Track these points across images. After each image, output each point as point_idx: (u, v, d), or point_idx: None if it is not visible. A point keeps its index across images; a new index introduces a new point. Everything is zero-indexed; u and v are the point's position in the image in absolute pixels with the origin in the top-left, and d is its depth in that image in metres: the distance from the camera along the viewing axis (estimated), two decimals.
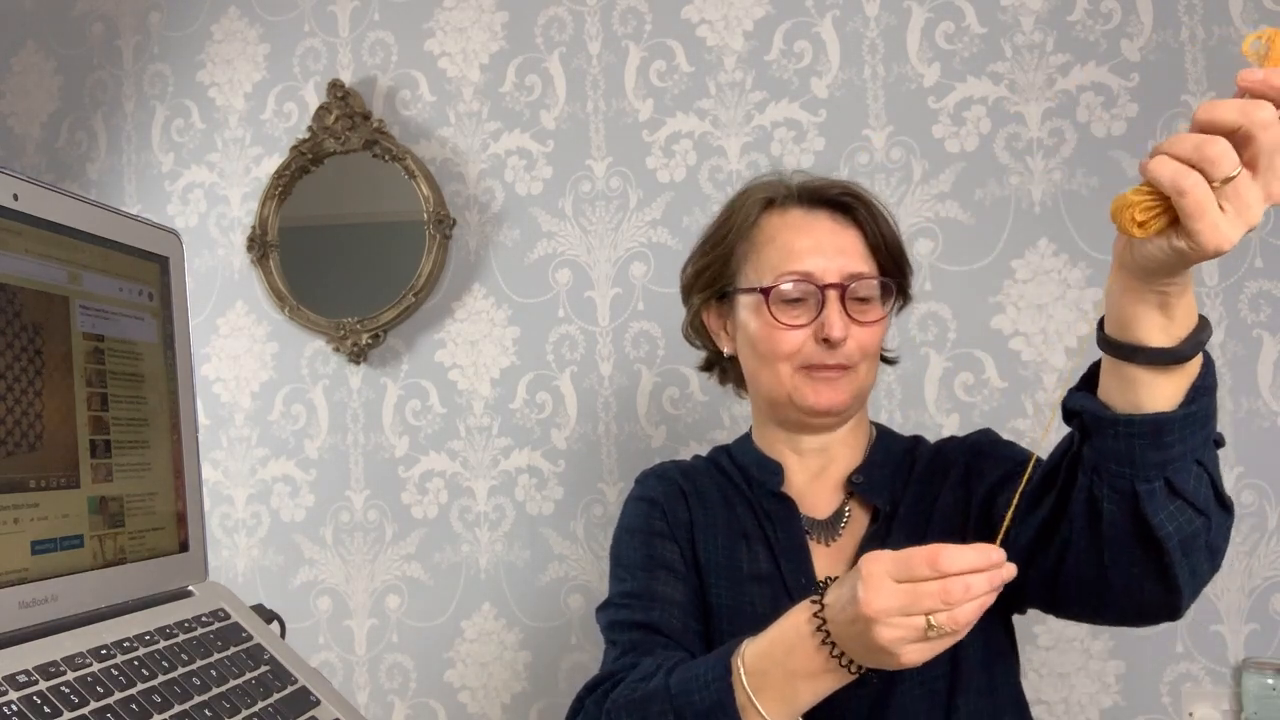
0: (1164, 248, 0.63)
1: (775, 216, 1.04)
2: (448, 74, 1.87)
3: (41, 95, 2.07)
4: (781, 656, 0.79)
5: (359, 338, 1.84)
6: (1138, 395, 0.71)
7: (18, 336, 0.57)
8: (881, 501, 0.99)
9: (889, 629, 0.70)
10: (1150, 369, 0.69)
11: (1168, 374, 0.69)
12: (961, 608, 0.68)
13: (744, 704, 0.79)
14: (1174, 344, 0.68)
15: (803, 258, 0.99)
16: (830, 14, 1.72)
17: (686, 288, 1.12)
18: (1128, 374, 0.70)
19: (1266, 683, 1.46)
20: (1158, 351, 0.68)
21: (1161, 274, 0.66)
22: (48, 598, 0.57)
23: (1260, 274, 1.55)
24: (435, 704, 1.82)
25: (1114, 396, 0.72)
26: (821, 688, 0.78)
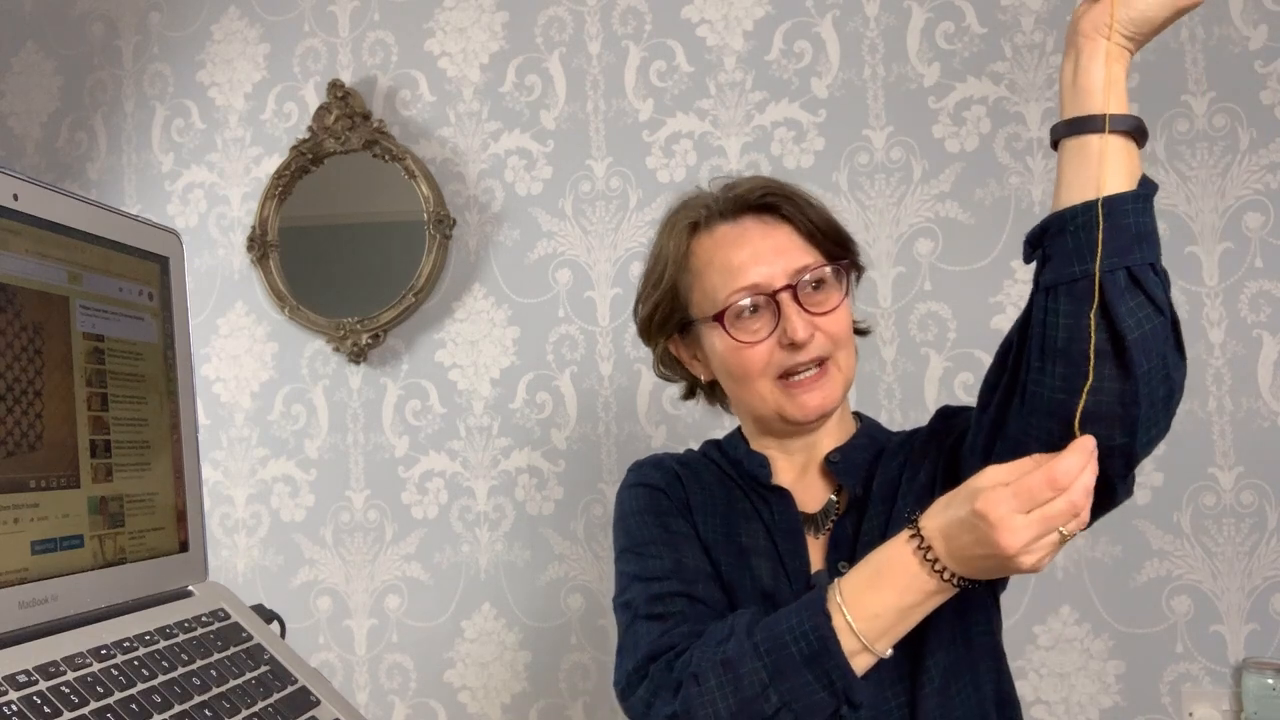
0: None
1: (705, 239, 1.03)
2: (448, 74, 1.87)
3: (41, 95, 2.07)
4: (888, 587, 0.82)
5: (359, 338, 1.84)
6: (1096, 175, 0.76)
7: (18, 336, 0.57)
8: (850, 482, 0.99)
9: (1030, 555, 0.75)
10: (1110, 140, 0.76)
11: (1125, 149, 0.76)
12: (1084, 510, 0.73)
13: (846, 640, 0.81)
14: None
15: (745, 271, 0.98)
16: (830, 14, 1.72)
17: (644, 329, 1.11)
18: (1088, 152, 0.76)
19: (1266, 683, 1.46)
20: (1122, 116, 0.76)
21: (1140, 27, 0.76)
22: (48, 598, 0.57)
23: (1260, 274, 1.55)
24: (435, 704, 1.82)
25: (1072, 191, 0.77)
26: (924, 609, 0.82)
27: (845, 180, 1.69)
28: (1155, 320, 0.75)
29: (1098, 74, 0.76)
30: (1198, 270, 1.57)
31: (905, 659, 0.91)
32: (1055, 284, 0.77)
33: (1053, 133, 0.79)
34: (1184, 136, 1.59)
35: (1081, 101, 0.77)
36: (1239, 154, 1.57)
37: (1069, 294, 0.76)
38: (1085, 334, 0.75)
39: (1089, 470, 0.73)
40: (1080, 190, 0.76)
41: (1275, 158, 1.56)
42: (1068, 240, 0.76)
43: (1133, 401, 0.76)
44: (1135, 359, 0.75)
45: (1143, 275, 0.75)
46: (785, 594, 0.96)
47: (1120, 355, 0.75)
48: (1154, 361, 0.76)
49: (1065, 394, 0.77)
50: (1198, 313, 1.56)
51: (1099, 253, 0.75)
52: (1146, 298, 0.75)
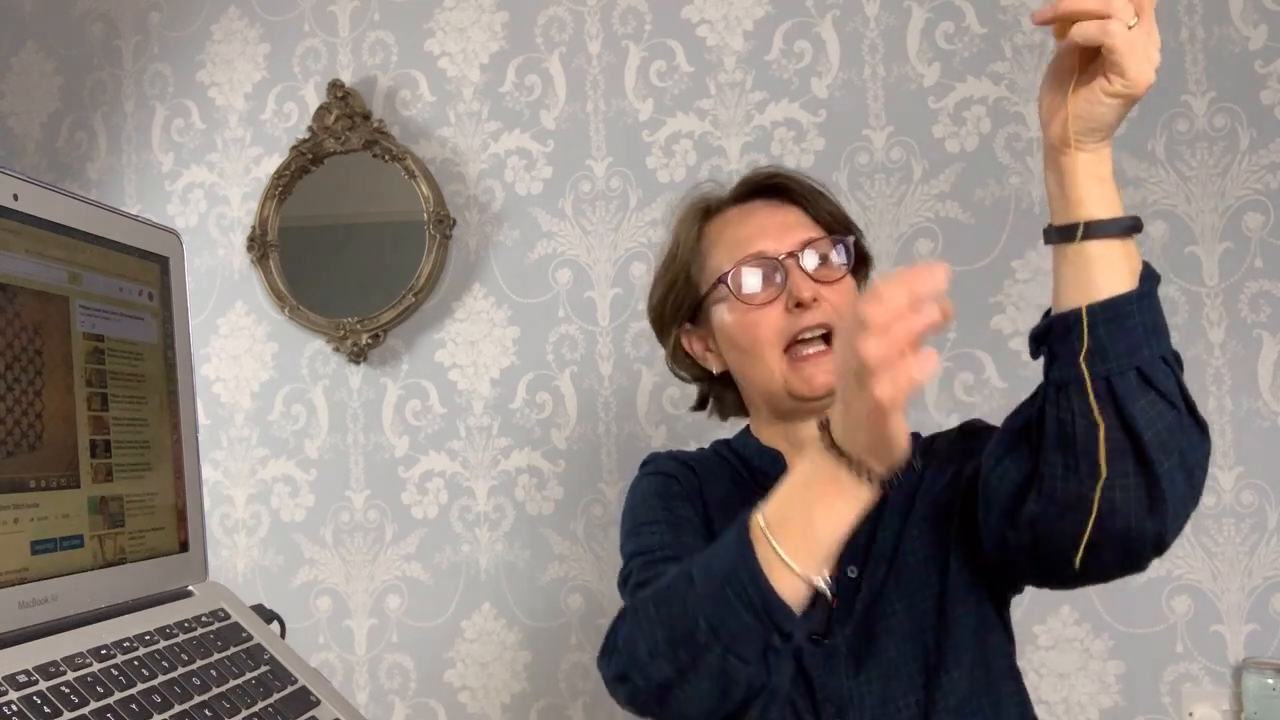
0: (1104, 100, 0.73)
1: (715, 221, 1.07)
2: (448, 74, 1.87)
3: (41, 95, 2.07)
4: (798, 493, 0.78)
5: (359, 338, 1.84)
6: (1095, 278, 0.76)
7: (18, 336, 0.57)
8: None
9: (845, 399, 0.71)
10: (1104, 244, 0.75)
11: (1121, 250, 0.76)
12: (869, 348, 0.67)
13: (766, 556, 0.77)
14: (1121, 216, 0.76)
15: (752, 241, 1.01)
16: (830, 14, 1.72)
17: (657, 322, 1.13)
18: (1084, 256, 0.76)
19: (1266, 683, 1.46)
20: (1111, 222, 0.76)
21: (1102, 129, 0.75)
22: (48, 598, 0.57)
23: (1260, 274, 1.55)
24: (435, 704, 1.82)
25: (1071, 294, 0.77)
26: (839, 516, 0.76)
27: (845, 180, 1.69)
28: (1169, 415, 0.75)
29: (1082, 184, 0.76)
30: (1198, 270, 1.57)
31: (920, 671, 0.91)
32: (1064, 383, 0.77)
33: (1046, 237, 0.79)
34: (1184, 136, 1.59)
35: (1070, 210, 0.77)
36: (1239, 154, 1.57)
37: (1080, 393, 0.76)
38: (1105, 433, 0.75)
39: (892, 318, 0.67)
40: (1080, 293, 0.76)
41: (1275, 158, 1.56)
42: (1073, 343, 0.76)
43: (1159, 496, 0.76)
44: (1154, 456, 0.75)
45: (1153, 372, 0.75)
46: None
47: (1139, 454, 0.75)
48: (1172, 456, 0.76)
49: (1092, 491, 0.77)
50: (1198, 313, 1.56)
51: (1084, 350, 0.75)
52: (1158, 394, 0.75)
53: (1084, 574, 0.85)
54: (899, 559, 0.95)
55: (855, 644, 0.93)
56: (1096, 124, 0.75)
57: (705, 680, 0.79)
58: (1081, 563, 0.82)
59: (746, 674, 0.78)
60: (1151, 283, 0.76)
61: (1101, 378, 0.75)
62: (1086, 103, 0.74)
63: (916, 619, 0.93)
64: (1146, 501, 0.76)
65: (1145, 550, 0.80)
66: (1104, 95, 0.73)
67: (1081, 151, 0.76)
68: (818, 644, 0.92)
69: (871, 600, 0.94)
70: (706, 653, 0.78)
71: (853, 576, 0.96)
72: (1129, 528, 0.77)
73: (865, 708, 0.90)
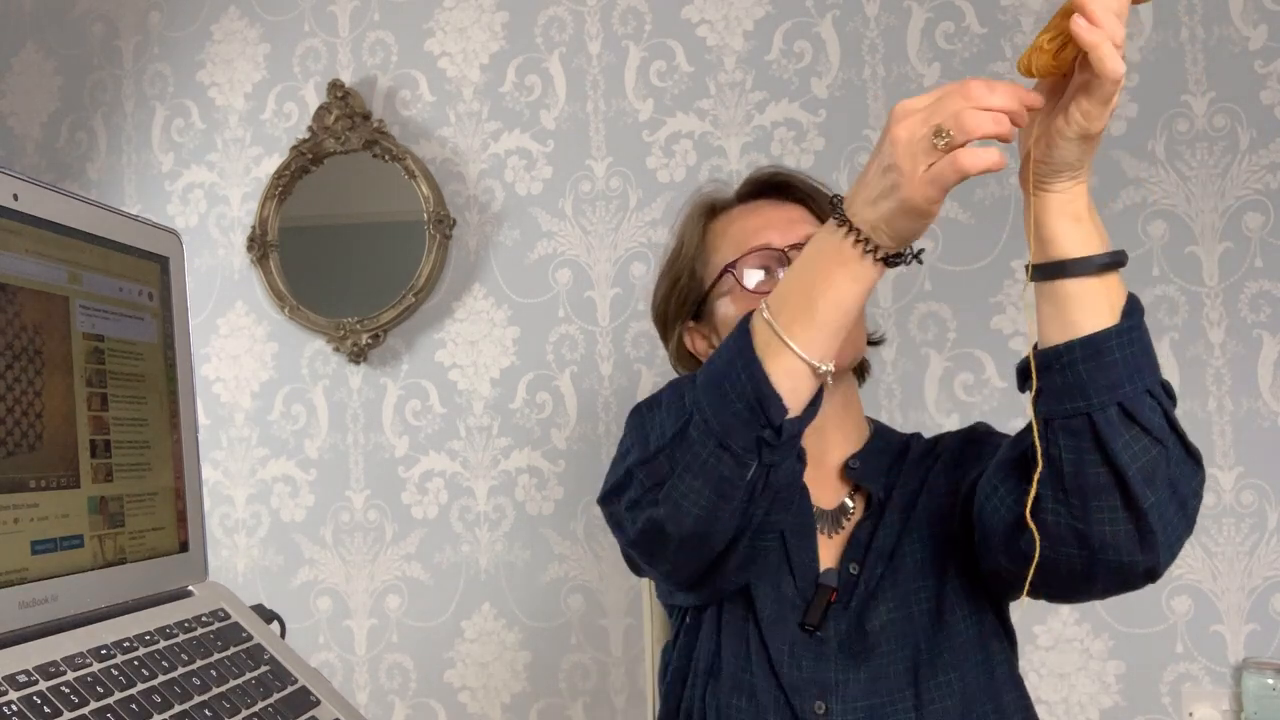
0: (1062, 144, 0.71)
1: (720, 219, 1.08)
2: (448, 74, 1.87)
3: (41, 95, 2.07)
4: (801, 271, 0.77)
5: (359, 338, 1.84)
6: (1073, 315, 0.75)
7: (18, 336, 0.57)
8: (875, 487, 1.00)
9: (905, 149, 0.70)
10: (1081, 281, 0.74)
11: (1100, 286, 0.75)
12: (971, 113, 0.68)
13: (765, 340, 0.77)
14: (1096, 253, 0.75)
15: (757, 234, 1.02)
16: (830, 14, 1.72)
17: (660, 320, 1.14)
18: (1062, 294, 0.75)
19: (1266, 683, 1.46)
20: (1085, 260, 0.74)
21: (1069, 169, 0.73)
22: (48, 598, 0.57)
23: (1260, 274, 1.55)
24: (435, 704, 1.82)
25: (1051, 330, 0.76)
26: (839, 292, 0.75)
27: (845, 180, 1.69)
28: (1153, 450, 0.75)
29: (1055, 224, 0.75)
30: (1198, 270, 1.57)
31: (908, 670, 0.91)
32: (1051, 417, 0.77)
33: (1029, 273, 0.78)
34: (1184, 136, 1.59)
35: (1043, 250, 0.76)
36: (1239, 154, 1.57)
37: (1066, 429, 0.76)
38: (1089, 469, 0.75)
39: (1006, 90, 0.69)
40: (1059, 330, 0.76)
41: (1275, 158, 1.56)
42: (1055, 378, 0.76)
43: (1147, 530, 0.76)
44: (1139, 492, 0.74)
45: (1136, 407, 0.74)
46: (789, 589, 0.96)
47: (1124, 489, 0.75)
48: (1160, 491, 0.75)
49: (1084, 524, 0.77)
50: (1198, 313, 1.56)
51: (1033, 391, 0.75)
52: (1141, 429, 0.74)
53: (1078, 598, 0.87)
54: (897, 559, 0.96)
55: (846, 638, 0.93)
56: (1060, 166, 0.73)
57: (698, 479, 0.79)
58: (1075, 591, 0.84)
59: (737, 473, 0.77)
60: (1135, 317, 0.76)
61: (1083, 414, 0.74)
62: (1047, 147, 0.73)
63: (909, 621, 0.93)
64: (1136, 535, 0.76)
65: (1137, 580, 0.80)
66: (1061, 139, 0.72)
67: (1051, 193, 0.75)
68: (810, 634, 0.93)
69: (867, 597, 0.94)
70: (699, 447, 0.78)
71: (854, 573, 0.96)
72: (1120, 561, 0.78)
73: (849, 698, 0.90)
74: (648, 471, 0.82)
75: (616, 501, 0.88)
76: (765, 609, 0.94)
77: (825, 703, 0.90)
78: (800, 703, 0.90)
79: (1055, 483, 0.77)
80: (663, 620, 1.23)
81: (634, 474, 0.84)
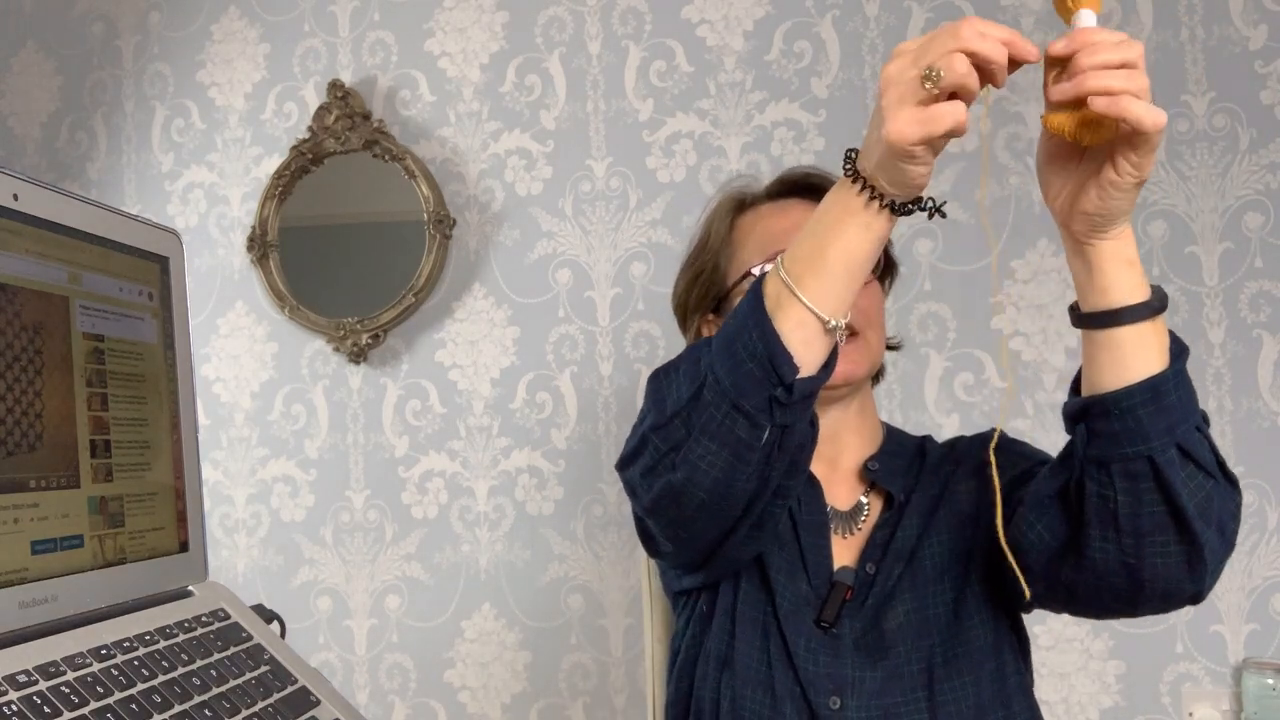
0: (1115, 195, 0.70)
1: (749, 215, 1.07)
2: (448, 74, 1.87)
3: (41, 95, 2.07)
4: (812, 224, 0.77)
5: (359, 338, 1.84)
6: (1129, 361, 0.75)
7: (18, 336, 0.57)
8: (896, 488, 1.00)
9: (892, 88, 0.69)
10: (1136, 327, 0.74)
11: (1152, 329, 0.75)
12: (956, 57, 0.67)
13: (776, 296, 0.76)
14: (1149, 297, 0.75)
15: (784, 237, 1.01)
16: (830, 14, 1.72)
17: (680, 310, 1.13)
18: (1116, 341, 0.75)
19: (1266, 683, 1.46)
20: (1142, 306, 0.74)
21: (1121, 216, 0.73)
22: (48, 598, 0.57)
23: (1260, 274, 1.55)
24: (435, 704, 1.82)
25: (1105, 377, 0.76)
26: (850, 242, 0.74)
27: None
28: (1207, 485, 0.76)
29: (1110, 271, 0.74)
30: (1198, 270, 1.57)
31: (923, 672, 0.91)
32: (1106, 461, 0.77)
33: (1073, 320, 0.78)
34: (1184, 136, 1.59)
35: (1097, 298, 0.75)
36: (1239, 154, 1.57)
37: (1123, 473, 0.76)
38: (1147, 509, 0.76)
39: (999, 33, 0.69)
40: (1114, 376, 0.76)
41: (1275, 158, 1.56)
42: (1113, 424, 0.76)
43: (1199, 561, 0.78)
44: (1198, 529, 0.76)
45: (1191, 444, 0.76)
46: (804, 587, 0.96)
47: (1181, 525, 0.76)
48: (1211, 524, 0.77)
49: (1136, 559, 0.78)
50: (1198, 313, 1.56)
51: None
52: (1196, 466, 0.76)
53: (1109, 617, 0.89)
54: (916, 561, 0.96)
55: (862, 636, 0.93)
56: (1114, 214, 0.73)
57: (713, 442, 0.78)
58: (1112, 614, 0.87)
59: (752, 435, 0.77)
60: (1183, 358, 0.76)
61: (1144, 457, 0.75)
62: (1099, 200, 0.72)
63: (926, 622, 0.93)
64: (1186, 567, 0.78)
65: (1182, 604, 0.82)
66: (1114, 190, 0.71)
67: (1105, 240, 0.74)
68: (825, 631, 0.93)
69: (884, 597, 0.95)
70: (714, 409, 0.77)
71: (870, 572, 0.96)
72: (1169, 590, 0.80)
73: (865, 695, 0.90)
74: (663, 436, 0.82)
75: (633, 467, 0.87)
76: (784, 602, 0.94)
77: (841, 698, 0.90)
78: (816, 697, 0.91)
79: (1106, 522, 0.78)
80: (663, 620, 1.23)
81: (649, 439, 0.83)
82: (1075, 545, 0.81)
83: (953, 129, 0.69)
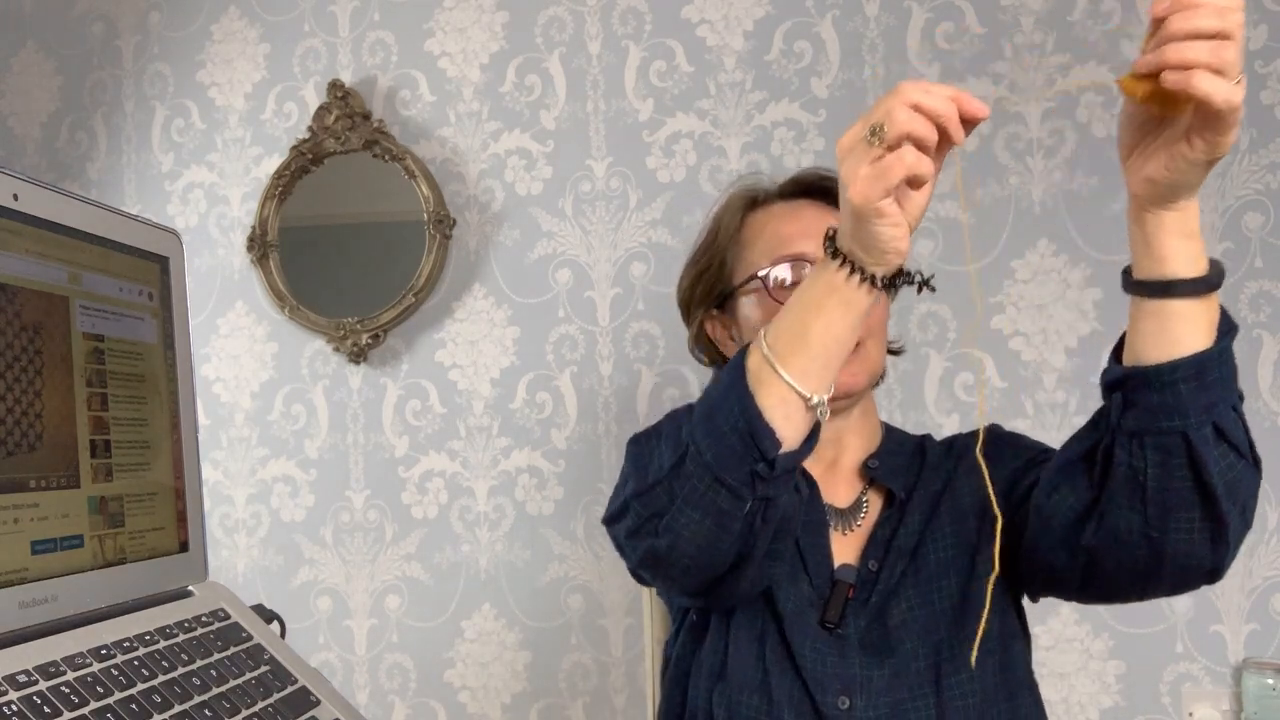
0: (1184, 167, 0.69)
1: (760, 213, 1.07)
2: (448, 74, 1.87)
3: (41, 95, 2.07)
4: (795, 301, 0.78)
5: (359, 338, 1.84)
6: (1176, 334, 0.74)
7: (18, 336, 0.57)
8: (897, 486, 1.00)
9: (847, 156, 0.70)
10: (1188, 301, 0.73)
11: (1204, 305, 0.74)
12: (897, 109, 0.67)
13: (758, 372, 0.76)
14: (1206, 272, 0.74)
15: (793, 242, 1.01)
16: (830, 14, 1.72)
17: (684, 303, 1.13)
18: (1166, 312, 0.74)
19: (1266, 683, 1.46)
20: (1198, 281, 0.73)
21: (1197, 181, 0.71)
22: (48, 598, 0.57)
23: (1260, 274, 1.55)
24: (435, 704, 1.82)
25: (1149, 348, 0.75)
26: (832, 319, 0.75)
27: None
28: (1238, 465, 0.76)
29: (1169, 242, 0.74)
30: None
31: (930, 667, 0.91)
32: (1141, 432, 0.76)
33: (1125, 286, 0.78)
34: None
35: (1154, 267, 0.74)
36: (1239, 154, 1.57)
37: (1156, 446, 0.76)
38: (1176, 484, 0.76)
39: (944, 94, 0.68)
40: (1160, 349, 0.75)
41: (1275, 158, 1.56)
42: (1152, 396, 0.75)
43: (1221, 540, 0.78)
44: (1224, 508, 0.76)
45: (1226, 423, 0.75)
46: (805, 588, 0.96)
47: (1209, 503, 0.76)
48: (1237, 504, 0.77)
49: (1159, 533, 0.78)
50: None
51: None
52: (1229, 445, 0.76)
53: (1123, 599, 0.88)
54: (920, 557, 0.96)
55: (868, 635, 0.93)
56: (1180, 188, 0.72)
57: (696, 511, 0.79)
58: (1126, 593, 0.86)
59: (735, 506, 0.77)
60: (1230, 336, 0.76)
61: (1179, 433, 0.75)
62: (1167, 170, 0.71)
63: (932, 617, 0.93)
64: (1209, 545, 0.78)
65: (1199, 582, 0.82)
66: (1185, 162, 0.70)
67: (1170, 210, 0.73)
68: (830, 631, 0.93)
69: (888, 595, 0.95)
70: (696, 480, 0.78)
71: (873, 570, 0.96)
72: (1187, 566, 0.80)
73: (873, 693, 0.90)
74: (645, 503, 0.83)
75: (617, 526, 0.89)
76: (786, 606, 0.94)
77: (849, 698, 0.90)
78: (824, 697, 0.90)
79: (1133, 493, 0.78)
80: (663, 620, 1.23)
81: (632, 505, 0.84)
82: (1099, 510, 0.81)
83: (910, 174, 0.69)
